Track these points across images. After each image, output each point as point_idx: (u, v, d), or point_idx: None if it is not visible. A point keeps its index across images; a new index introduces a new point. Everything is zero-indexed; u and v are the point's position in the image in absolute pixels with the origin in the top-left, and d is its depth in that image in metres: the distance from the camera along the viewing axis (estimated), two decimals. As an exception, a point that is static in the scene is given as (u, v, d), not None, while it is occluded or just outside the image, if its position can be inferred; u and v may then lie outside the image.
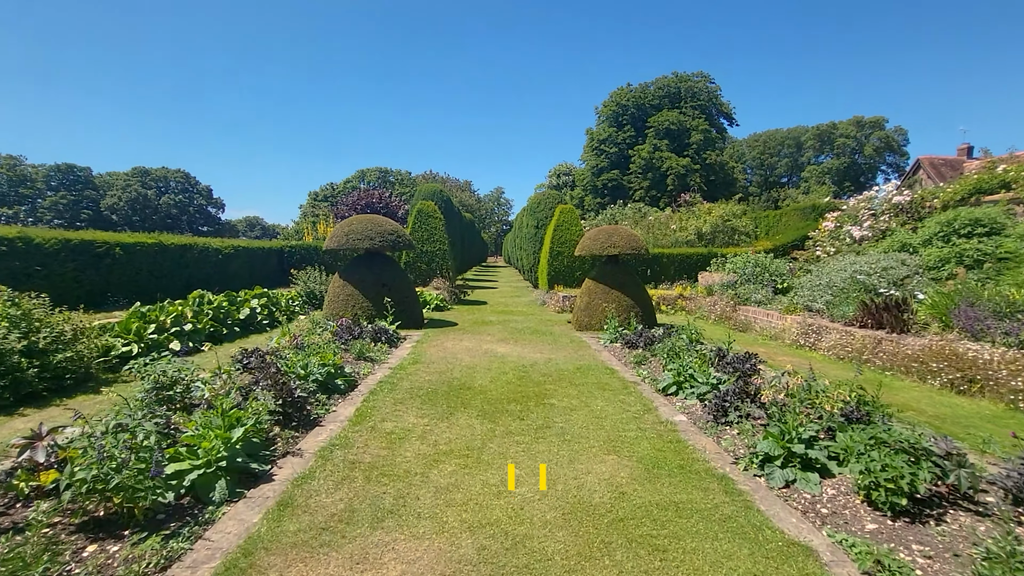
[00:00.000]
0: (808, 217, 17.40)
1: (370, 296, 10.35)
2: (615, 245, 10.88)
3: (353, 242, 10.17)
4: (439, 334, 10.03)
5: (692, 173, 58.25)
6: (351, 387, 5.93)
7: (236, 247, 13.84)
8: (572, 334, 10.40)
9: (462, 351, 8.30)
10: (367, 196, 29.64)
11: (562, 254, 15.88)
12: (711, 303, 12.76)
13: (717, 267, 14.57)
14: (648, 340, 8.21)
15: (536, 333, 10.38)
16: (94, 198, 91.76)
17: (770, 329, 10.41)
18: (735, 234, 17.87)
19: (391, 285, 10.62)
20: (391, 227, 10.69)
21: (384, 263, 10.82)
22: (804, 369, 5.41)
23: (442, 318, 12.52)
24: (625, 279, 11.11)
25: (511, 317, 12.93)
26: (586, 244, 11.22)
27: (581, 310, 11.20)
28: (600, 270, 11.31)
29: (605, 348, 8.86)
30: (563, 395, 5.78)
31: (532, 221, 20.72)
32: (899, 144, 70.51)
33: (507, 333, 10.29)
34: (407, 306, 10.76)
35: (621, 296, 10.86)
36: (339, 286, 10.51)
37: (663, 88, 65.39)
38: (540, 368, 7.16)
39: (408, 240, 10.94)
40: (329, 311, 10.49)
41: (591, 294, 11.11)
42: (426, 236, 15.69)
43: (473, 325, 11.44)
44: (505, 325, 11.50)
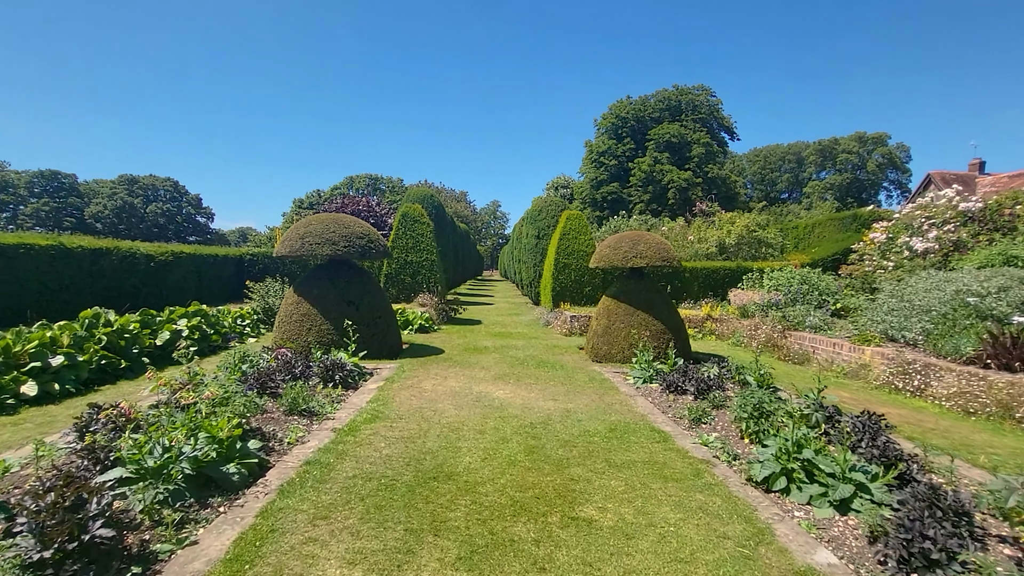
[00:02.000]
0: (848, 228, 15.39)
1: (331, 317, 8.09)
2: (641, 255, 8.70)
3: (310, 247, 7.94)
4: (418, 367, 7.76)
5: (694, 187, 56.76)
6: (256, 474, 3.65)
7: (176, 254, 11.44)
8: (589, 367, 8.15)
9: (445, 396, 6.03)
10: (352, 203, 27.47)
11: (569, 267, 13.71)
12: (750, 327, 10.58)
13: (752, 283, 12.43)
14: (701, 384, 5.98)
15: (543, 365, 8.13)
16: (78, 205, 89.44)
17: (839, 363, 8.21)
18: (761, 246, 15.83)
19: (359, 303, 8.37)
20: (361, 229, 8.47)
21: (352, 275, 8.58)
22: (957, 440, 3.20)
23: (426, 342, 10.26)
24: (653, 297, 8.92)
25: (510, 341, 10.68)
26: (604, 254, 9.04)
27: (598, 336, 8.98)
28: (621, 286, 9.11)
29: (637, 391, 6.62)
30: (603, 494, 3.52)
31: (533, 230, 18.59)
32: (901, 161, 69.51)
33: (506, 366, 8.03)
34: (380, 330, 8.50)
35: (649, 319, 8.66)
36: (292, 303, 8.25)
37: (663, 101, 64.33)
38: (557, 430, 4.90)
39: (382, 247, 8.71)
40: (280, 335, 8.21)
41: (611, 316, 8.90)
42: (411, 244, 13.49)
43: (463, 353, 9.17)
44: (503, 353, 9.25)
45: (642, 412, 5.57)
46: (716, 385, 5.93)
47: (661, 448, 4.44)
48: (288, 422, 4.77)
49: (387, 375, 7.11)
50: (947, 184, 45.30)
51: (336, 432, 4.61)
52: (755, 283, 12.24)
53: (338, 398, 5.69)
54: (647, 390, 6.64)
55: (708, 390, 5.86)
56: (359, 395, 5.93)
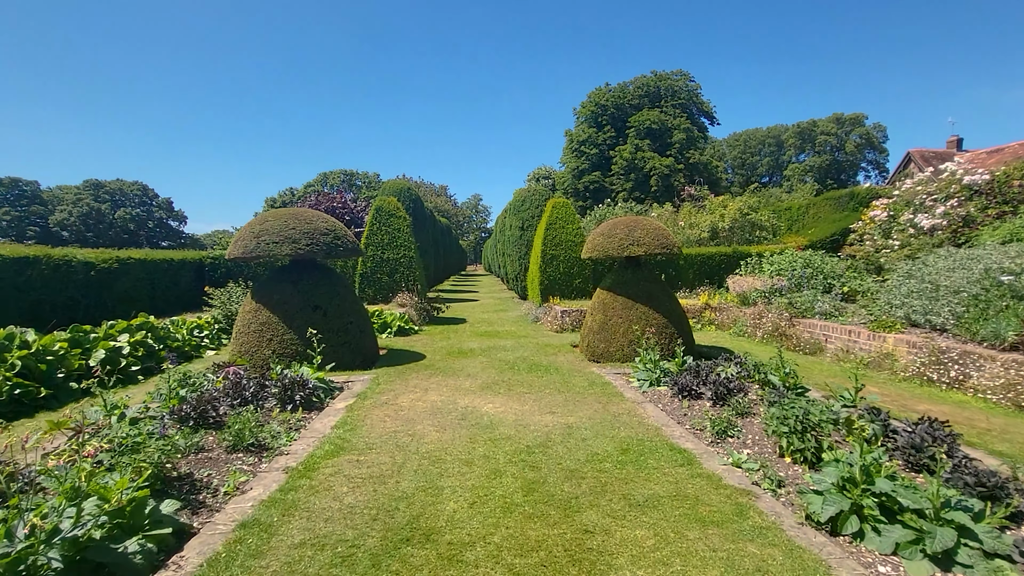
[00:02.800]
0: (844, 207, 14.83)
1: (295, 325, 7.16)
2: (639, 242, 7.92)
3: (267, 246, 6.97)
4: (396, 378, 6.88)
5: (676, 173, 56.49)
6: (171, 548, 2.77)
7: (122, 260, 10.24)
8: (586, 369, 7.36)
9: (425, 414, 5.18)
10: (327, 199, 26.28)
11: (557, 258, 12.89)
12: (754, 315, 9.89)
13: (751, 269, 11.76)
14: (718, 387, 5.21)
15: (536, 369, 7.31)
16: (42, 213, 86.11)
17: (856, 352, 7.54)
18: (754, 230, 15.22)
19: (327, 307, 7.44)
20: (326, 225, 7.52)
21: (318, 276, 7.65)
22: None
23: (406, 346, 9.37)
24: (653, 288, 8.16)
25: (498, 342, 9.84)
26: (598, 243, 8.24)
27: (594, 333, 8.19)
28: (617, 277, 8.33)
29: (645, 396, 5.84)
30: (629, 553, 2.71)
31: (516, 222, 17.73)
32: (879, 141, 70.10)
33: (495, 371, 7.19)
34: (352, 336, 7.58)
35: (650, 312, 7.89)
36: (250, 311, 7.30)
37: (642, 87, 63.88)
38: (560, 454, 4.09)
39: (351, 244, 7.78)
40: (237, 348, 7.26)
41: (607, 310, 8.12)
42: (387, 240, 12.53)
43: (447, 357, 8.31)
44: (491, 356, 8.41)
45: (655, 424, 4.78)
46: (736, 388, 5.17)
47: (687, 474, 3.65)
48: (230, 462, 3.87)
49: (359, 389, 6.22)
50: (926, 162, 45.37)
51: (288, 473, 3.72)
52: (754, 268, 11.58)
53: (297, 424, 4.79)
54: (655, 394, 5.87)
55: (728, 394, 5.10)
56: (323, 418, 5.04)
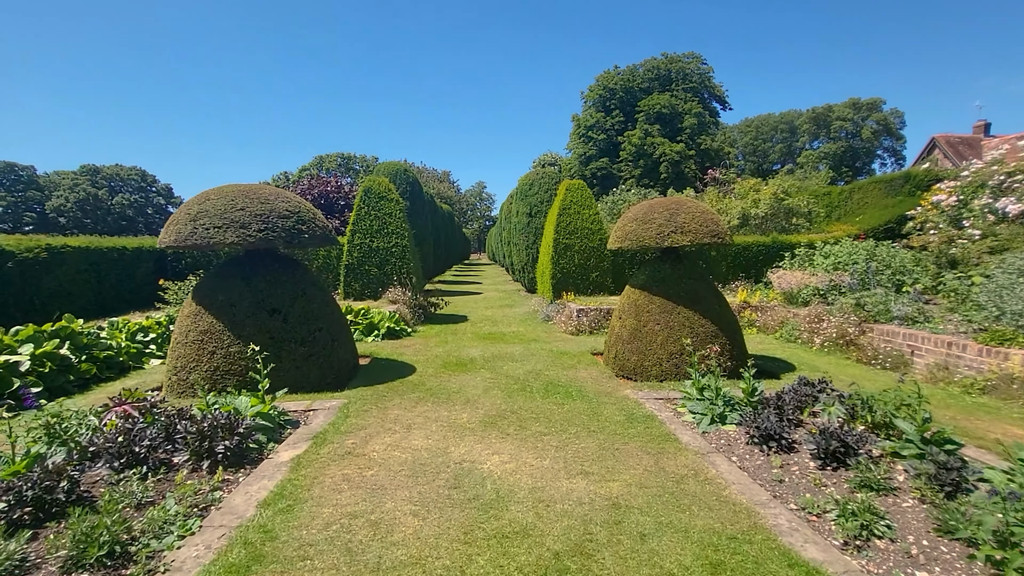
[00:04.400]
0: (898, 191, 13.09)
1: (245, 334, 5.58)
2: (683, 229, 6.27)
3: (206, 232, 5.36)
4: (372, 405, 5.29)
5: (687, 159, 54.53)
6: None
7: (55, 248, 8.49)
8: (618, 390, 5.76)
9: (401, 478, 3.59)
10: (320, 183, 24.61)
11: (571, 248, 11.25)
12: (810, 318, 8.26)
13: (800, 262, 10.08)
14: (828, 439, 3.58)
15: (553, 390, 5.71)
16: (39, 199, 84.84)
17: (962, 371, 5.91)
18: (791, 217, 13.51)
19: (287, 311, 5.85)
20: (287, 206, 5.89)
21: (276, 271, 6.04)
22: None
23: (394, 354, 7.79)
24: (698, 287, 6.53)
25: (503, 348, 8.25)
26: (630, 230, 6.59)
27: (624, 342, 6.58)
28: (653, 272, 6.70)
29: (707, 440, 4.25)
30: None
31: (524, 208, 16.07)
32: (896, 127, 67.65)
33: (501, 395, 5.60)
34: (320, 348, 5.99)
35: (694, 317, 6.27)
36: (189, 317, 5.72)
37: (652, 70, 61.66)
38: (610, 570, 2.51)
39: (320, 230, 6.15)
40: (171, 363, 5.70)
41: (640, 314, 6.50)
42: (376, 227, 10.90)
43: (441, 371, 6.72)
44: (495, 368, 6.82)
45: (743, 500, 3.19)
46: (855, 440, 3.54)
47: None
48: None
49: (320, 425, 4.63)
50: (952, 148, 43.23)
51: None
52: (805, 261, 9.92)
53: (209, 497, 3.21)
54: (722, 438, 4.27)
55: (845, 452, 3.48)
56: (253, 483, 3.46)
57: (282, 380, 5.65)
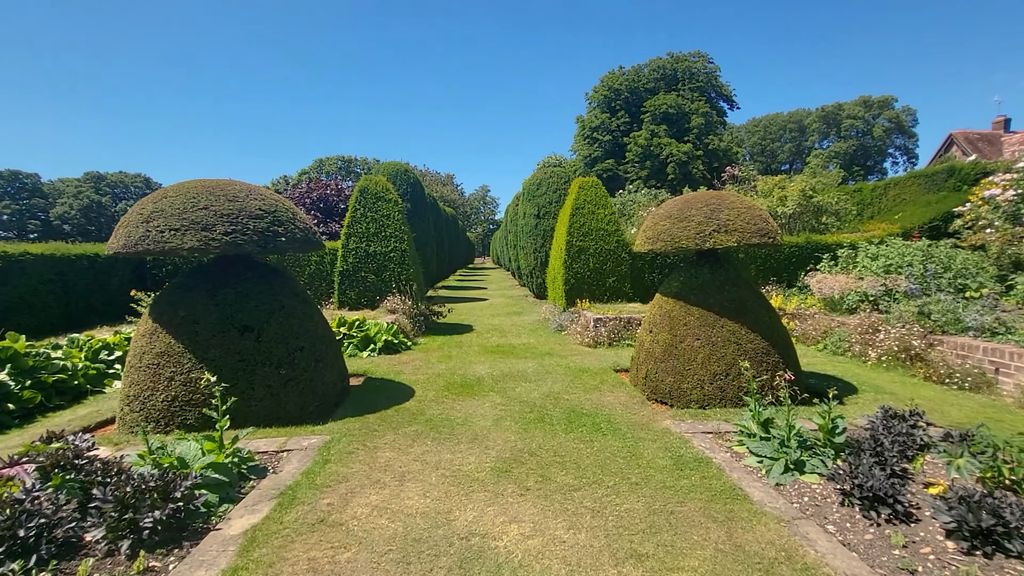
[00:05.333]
0: (940, 186, 12.08)
1: (210, 356, 4.68)
2: (728, 228, 5.33)
3: (160, 237, 4.48)
4: (359, 445, 4.36)
5: (694, 160, 53.58)
6: None
7: (11, 257, 7.49)
8: (655, 420, 4.81)
9: (386, 565, 2.66)
10: (319, 187, 23.82)
11: (585, 251, 10.31)
12: (861, 328, 7.28)
13: (843, 264, 9.09)
14: (973, 510, 2.62)
15: (578, 421, 4.77)
16: (43, 207, 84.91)
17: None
18: (820, 215, 12.53)
19: (262, 328, 4.94)
20: (260, 204, 4.99)
21: (249, 281, 5.14)
22: None
23: (390, 372, 6.87)
24: (744, 296, 5.58)
25: (514, 364, 7.32)
26: (661, 229, 5.65)
27: (656, 359, 5.63)
28: (690, 279, 5.75)
29: (785, 498, 3.29)
30: None
31: (531, 209, 15.16)
32: (908, 125, 66.37)
33: (515, 427, 4.66)
34: (301, 371, 5.08)
35: (741, 331, 5.32)
36: (146, 335, 4.82)
37: (658, 70, 60.81)
38: None
39: (303, 233, 5.24)
40: (125, 392, 4.80)
41: (676, 327, 5.55)
42: (373, 230, 10.01)
43: (443, 395, 5.79)
44: (507, 392, 5.88)
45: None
46: (1017, 519, 2.57)
47: None
48: None
49: (291, 475, 3.70)
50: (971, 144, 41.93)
51: None
52: (848, 264, 8.93)
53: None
54: (803, 493, 3.31)
55: (1008, 534, 2.50)
56: (190, 572, 2.53)
57: (254, 411, 4.74)
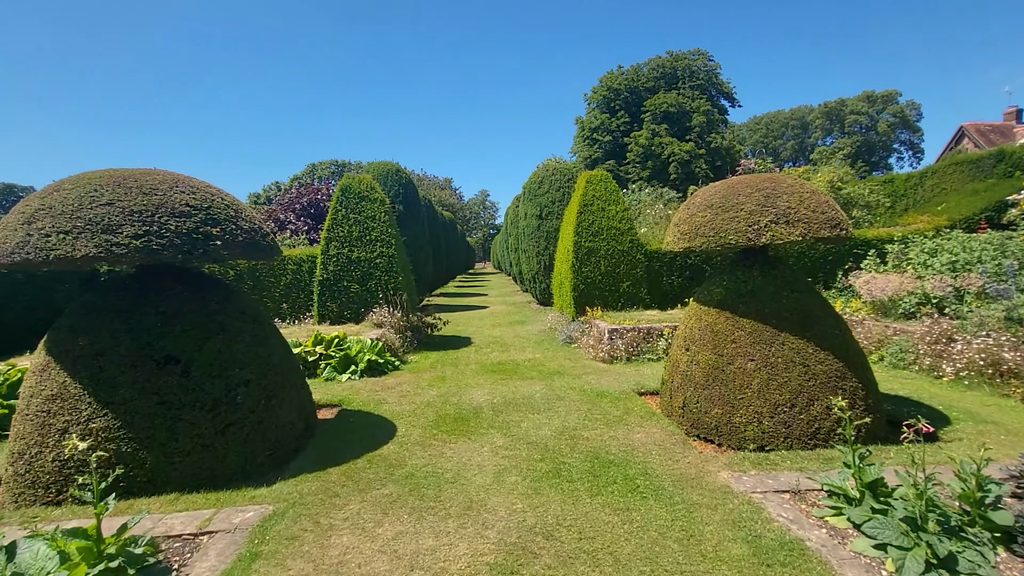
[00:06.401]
0: (988, 173, 10.95)
1: (119, 398, 3.54)
2: (789, 218, 4.20)
3: (45, 242, 3.36)
4: (307, 525, 3.20)
5: (697, 159, 52.56)
6: None
7: None
8: (707, 472, 3.64)
9: None
10: (310, 192, 22.79)
11: (596, 252, 9.17)
12: (930, 337, 6.12)
13: (894, 262, 7.93)
14: None
15: (606, 478, 3.60)
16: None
17: None
18: (850, 208, 11.40)
19: (191, 360, 3.80)
20: (187, 197, 3.86)
21: (179, 298, 4.01)
22: None
23: (370, 402, 5.72)
24: (807, 303, 4.44)
25: (519, 386, 6.16)
26: (700, 222, 4.51)
27: (697, 384, 4.48)
28: (735, 283, 4.62)
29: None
30: None
31: (533, 209, 14.04)
32: (913, 119, 65.30)
33: (522, 493, 3.50)
34: (244, 413, 3.93)
35: (807, 348, 4.19)
36: (37, 372, 3.68)
37: (657, 69, 59.99)
38: None
39: (248, 236, 4.10)
40: (12, 449, 3.65)
41: (721, 343, 4.41)
42: (357, 233, 8.88)
43: (431, 435, 4.64)
44: (510, 430, 4.72)
45: None
46: None
47: None
48: None
49: (201, 583, 2.55)
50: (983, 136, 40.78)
51: None
52: (900, 260, 7.78)
53: None
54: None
55: None
56: None
57: (177, 470, 3.60)
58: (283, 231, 20.10)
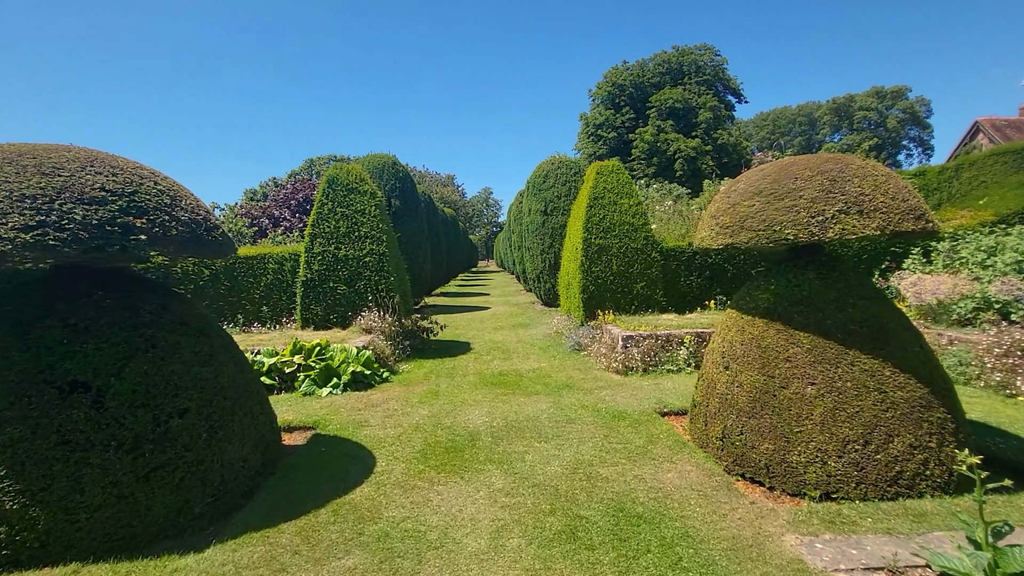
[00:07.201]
0: (1035, 164, 10.10)
1: (7, 438, 2.72)
2: (862, 207, 3.36)
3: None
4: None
5: (703, 155, 51.60)
6: None
7: None
8: (766, 538, 2.80)
9: None
10: (307, 188, 22.01)
11: (607, 250, 8.33)
12: (999, 349, 5.26)
13: (944, 261, 7.07)
14: None
15: (637, 546, 2.77)
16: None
17: None
18: (879, 205, 10.52)
19: (103, 385, 2.98)
20: (102, 180, 3.06)
21: (93, 307, 3.19)
22: None
23: (349, 425, 4.90)
24: (881, 313, 3.60)
25: (523, 406, 5.34)
26: (747, 212, 3.67)
27: (740, 411, 3.64)
28: (787, 287, 3.78)
29: None
30: None
31: (538, 205, 13.23)
32: (923, 116, 64.11)
33: (527, 564, 2.69)
34: (178, 451, 3.11)
35: (882, 369, 3.35)
36: (-96, 401, 2.86)
37: (663, 64, 59.02)
38: None
39: (183, 227, 3.29)
40: None
41: (771, 360, 3.57)
42: (344, 229, 8.06)
43: (416, 473, 3.81)
44: (511, 465, 3.90)
45: None
46: None
47: None
48: None
49: None
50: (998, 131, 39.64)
51: None
52: (950, 259, 6.93)
53: None
54: None
55: None
56: None
57: (84, 530, 2.79)
58: (277, 228, 19.35)
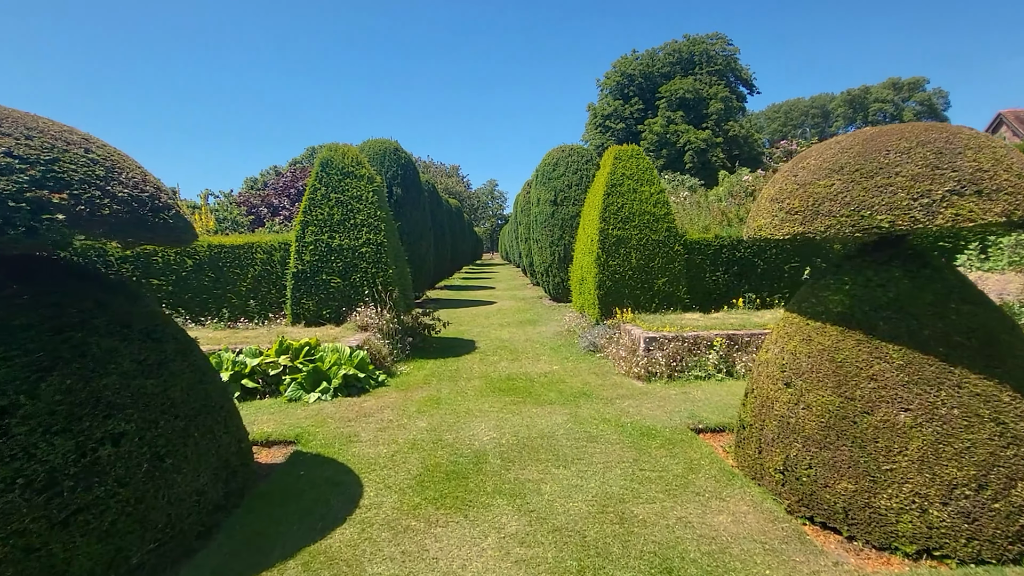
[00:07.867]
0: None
1: None
2: (982, 187, 2.63)
3: None
4: None
5: (713, 147, 50.46)
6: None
7: None
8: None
9: None
10: (306, 175, 21.28)
11: (626, 242, 7.61)
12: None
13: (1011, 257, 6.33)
14: None
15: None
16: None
17: None
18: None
19: (10, 405, 2.32)
20: (10, 142, 2.39)
21: (3, 305, 2.53)
22: None
23: (336, 441, 4.25)
24: (989, 321, 2.88)
25: (535, 419, 4.67)
26: (826, 194, 2.94)
27: (808, 439, 2.95)
28: (867, 288, 3.06)
29: None
30: None
31: (547, 195, 12.50)
32: (940, 108, 62.64)
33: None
34: (110, 489, 2.46)
35: (999, 393, 2.64)
36: None
37: (673, 54, 57.72)
38: None
39: (122, 204, 2.62)
40: None
41: (848, 378, 2.87)
42: (338, 216, 7.38)
43: (409, 506, 3.15)
44: (524, 500, 3.23)
45: None
46: None
47: None
48: None
49: None
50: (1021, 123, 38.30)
51: None
52: (1018, 255, 6.19)
53: None
54: None
55: None
56: None
57: None
58: (276, 217, 18.73)
